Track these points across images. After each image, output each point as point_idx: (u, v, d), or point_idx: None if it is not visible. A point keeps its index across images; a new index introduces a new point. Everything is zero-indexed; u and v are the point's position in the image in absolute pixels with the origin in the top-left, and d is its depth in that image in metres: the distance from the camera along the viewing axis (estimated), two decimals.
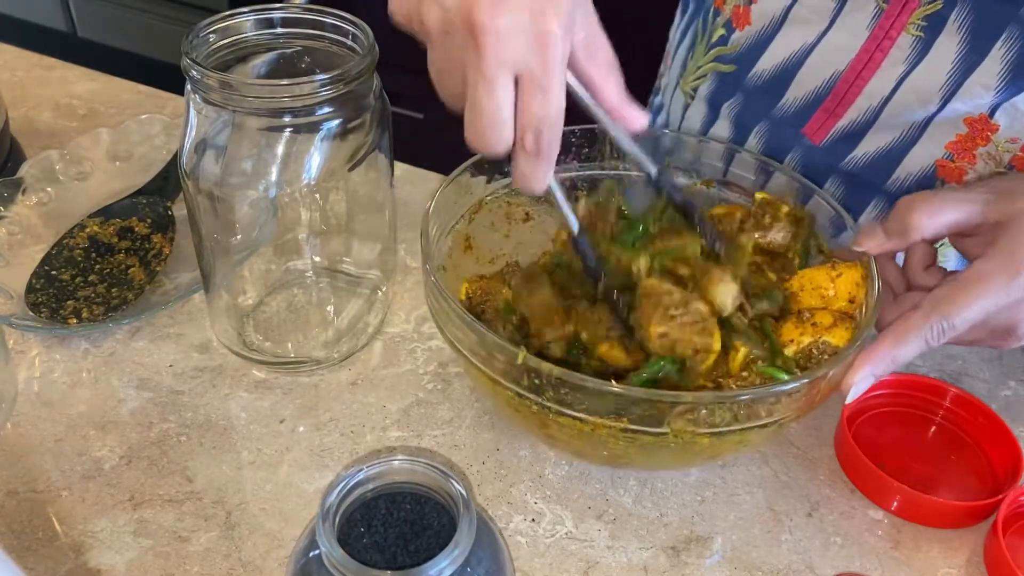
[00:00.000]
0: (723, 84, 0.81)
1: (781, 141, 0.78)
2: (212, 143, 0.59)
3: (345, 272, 0.72)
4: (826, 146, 0.75)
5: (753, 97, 0.78)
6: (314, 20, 0.62)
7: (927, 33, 0.67)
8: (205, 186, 0.60)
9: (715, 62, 0.81)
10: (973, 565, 0.58)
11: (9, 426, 0.62)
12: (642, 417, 0.51)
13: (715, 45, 0.81)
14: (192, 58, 0.56)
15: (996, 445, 0.64)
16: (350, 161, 0.62)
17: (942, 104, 0.68)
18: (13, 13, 2.76)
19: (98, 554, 0.55)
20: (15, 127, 0.88)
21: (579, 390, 0.50)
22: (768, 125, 0.78)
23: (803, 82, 0.74)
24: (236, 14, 0.60)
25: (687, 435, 0.52)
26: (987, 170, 0.69)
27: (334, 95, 0.57)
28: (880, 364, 0.55)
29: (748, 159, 0.68)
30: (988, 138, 0.68)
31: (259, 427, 0.63)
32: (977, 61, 0.65)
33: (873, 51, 0.69)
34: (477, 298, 0.64)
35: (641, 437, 0.52)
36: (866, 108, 0.71)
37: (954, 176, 0.71)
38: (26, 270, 0.71)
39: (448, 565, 0.42)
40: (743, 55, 0.78)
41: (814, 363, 0.57)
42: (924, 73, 0.68)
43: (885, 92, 0.70)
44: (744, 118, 0.80)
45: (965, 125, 0.68)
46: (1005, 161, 0.69)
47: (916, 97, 0.69)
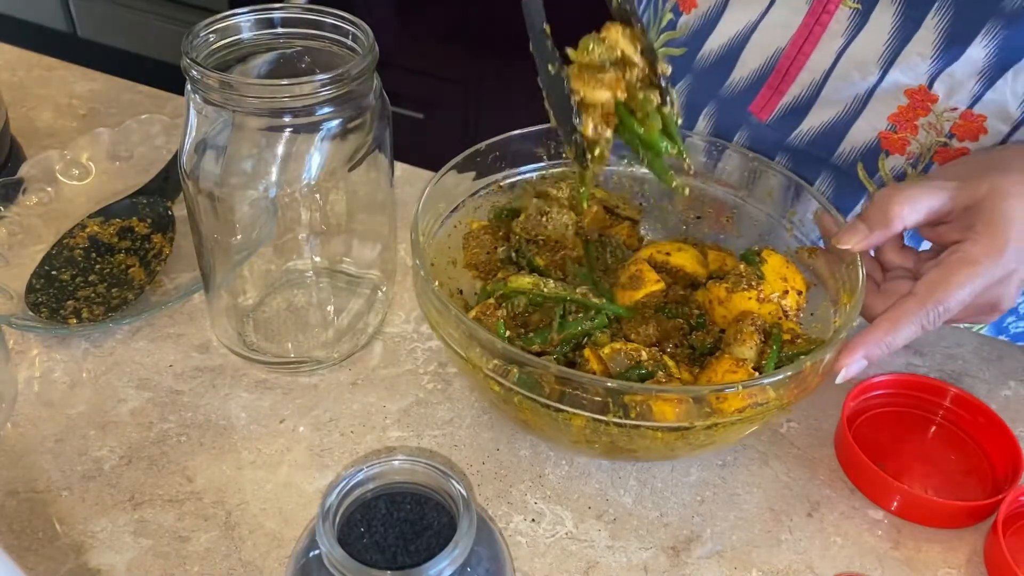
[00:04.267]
0: (673, 67, 0.82)
1: (730, 120, 0.80)
2: (212, 143, 0.59)
3: (345, 272, 0.72)
4: (773, 123, 0.77)
5: (702, 78, 0.80)
6: (314, 20, 0.62)
7: (864, 4, 0.68)
8: (205, 186, 0.60)
9: (665, 46, 0.83)
10: (973, 565, 0.58)
11: (9, 426, 0.62)
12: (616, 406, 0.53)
13: (665, 30, 0.82)
14: (192, 58, 0.56)
15: (996, 445, 0.64)
16: (350, 161, 0.62)
17: (881, 75, 0.69)
18: (13, 13, 2.76)
19: (98, 554, 0.55)
20: (15, 127, 0.88)
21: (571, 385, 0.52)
22: (717, 105, 0.80)
23: (748, 61, 0.76)
24: (236, 14, 0.60)
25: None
26: (928, 140, 0.71)
27: (334, 95, 0.57)
28: (874, 348, 0.56)
29: (735, 155, 0.71)
30: (928, 108, 0.70)
31: (259, 427, 0.63)
32: (912, 30, 0.67)
33: (812, 25, 0.71)
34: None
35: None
36: (809, 83, 0.73)
37: (897, 147, 0.73)
38: (26, 270, 0.71)
39: (448, 565, 0.42)
40: (691, 38, 0.79)
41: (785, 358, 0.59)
42: (862, 44, 0.69)
43: (826, 66, 0.72)
44: (694, 99, 0.82)
45: (905, 97, 0.70)
46: (946, 130, 0.70)
47: (856, 69, 0.70)
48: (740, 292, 0.61)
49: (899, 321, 0.56)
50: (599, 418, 0.53)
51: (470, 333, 0.55)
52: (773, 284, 0.62)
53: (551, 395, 0.53)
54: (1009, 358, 0.73)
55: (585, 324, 0.61)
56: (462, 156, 0.67)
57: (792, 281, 0.63)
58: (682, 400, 0.52)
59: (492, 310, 0.62)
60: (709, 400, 0.53)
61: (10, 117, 0.86)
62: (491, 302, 0.62)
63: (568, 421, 0.54)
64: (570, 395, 0.52)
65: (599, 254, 0.68)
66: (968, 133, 0.70)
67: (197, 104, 0.58)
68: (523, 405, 0.55)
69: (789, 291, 0.62)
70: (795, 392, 0.55)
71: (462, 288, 0.68)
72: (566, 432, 0.57)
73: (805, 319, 0.64)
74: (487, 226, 0.70)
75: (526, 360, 0.53)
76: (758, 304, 0.61)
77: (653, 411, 0.52)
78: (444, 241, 0.68)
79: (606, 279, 0.67)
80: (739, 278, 0.62)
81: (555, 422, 0.55)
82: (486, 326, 0.60)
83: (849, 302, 0.60)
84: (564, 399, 0.53)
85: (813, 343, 0.60)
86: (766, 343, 0.60)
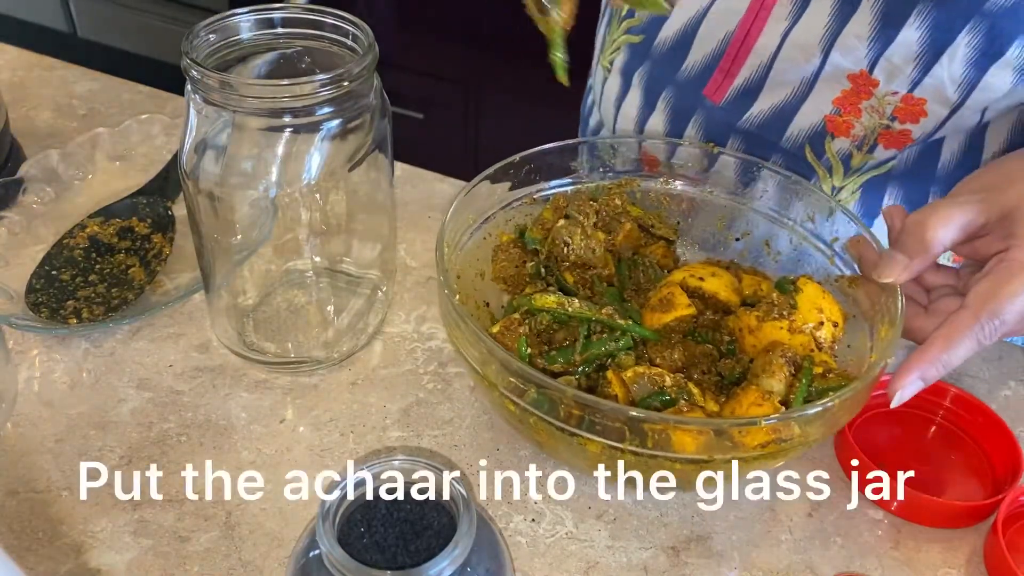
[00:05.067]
0: (633, 55, 0.83)
1: (685, 104, 0.81)
2: (212, 143, 0.59)
3: (345, 272, 0.72)
4: (725, 106, 0.78)
5: (659, 64, 0.81)
6: (314, 20, 0.62)
7: None
8: (205, 186, 0.60)
9: (626, 34, 0.84)
10: (973, 565, 0.58)
11: (9, 426, 0.62)
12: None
13: (626, 18, 0.84)
14: (192, 58, 0.56)
15: (996, 445, 0.64)
16: (350, 161, 0.62)
17: (823, 58, 0.71)
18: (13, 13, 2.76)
19: (98, 554, 0.55)
20: (15, 127, 0.88)
21: (593, 411, 0.51)
22: (674, 90, 0.81)
23: (701, 45, 0.77)
24: (236, 14, 0.60)
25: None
26: (872, 123, 0.72)
27: (334, 95, 0.57)
28: (930, 368, 0.55)
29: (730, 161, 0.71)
30: (871, 92, 0.71)
31: (259, 427, 0.63)
32: (850, 12, 0.68)
33: (759, 9, 0.72)
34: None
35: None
36: (757, 66, 0.74)
37: (842, 130, 0.74)
38: (26, 270, 0.71)
39: (448, 565, 0.42)
40: (648, 24, 0.81)
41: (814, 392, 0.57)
42: (804, 27, 0.70)
43: (772, 48, 0.73)
44: (652, 85, 0.83)
45: (848, 81, 0.71)
46: (888, 112, 0.72)
47: (799, 51, 0.71)
48: (771, 321, 0.60)
49: (954, 337, 0.54)
50: (614, 445, 0.52)
51: (488, 350, 0.54)
52: (807, 315, 0.60)
53: (567, 419, 0.52)
54: (1009, 358, 0.73)
55: (609, 345, 0.59)
56: (494, 168, 0.66)
57: (828, 312, 0.61)
58: (702, 432, 0.51)
59: (516, 325, 0.60)
60: (731, 433, 0.51)
61: (10, 117, 0.86)
62: (516, 317, 0.61)
63: (583, 445, 0.53)
64: (587, 420, 0.51)
65: (631, 273, 0.67)
66: (909, 116, 0.71)
67: (197, 104, 0.58)
68: (538, 427, 0.55)
69: (824, 322, 0.60)
70: (822, 429, 0.53)
71: (489, 301, 0.67)
72: (581, 456, 0.56)
73: (841, 351, 0.62)
74: (516, 239, 0.68)
75: (542, 381, 0.51)
76: (789, 335, 0.59)
77: (672, 441, 0.51)
78: (473, 252, 0.67)
79: (636, 299, 0.65)
80: (771, 307, 0.60)
81: (570, 446, 0.54)
82: (507, 342, 0.59)
83: (887, 335, 0.58)
84: (581, 424, 0.51)
85: (845, 378, 0.57)
86: (796, 376, 0.57)
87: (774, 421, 0.51)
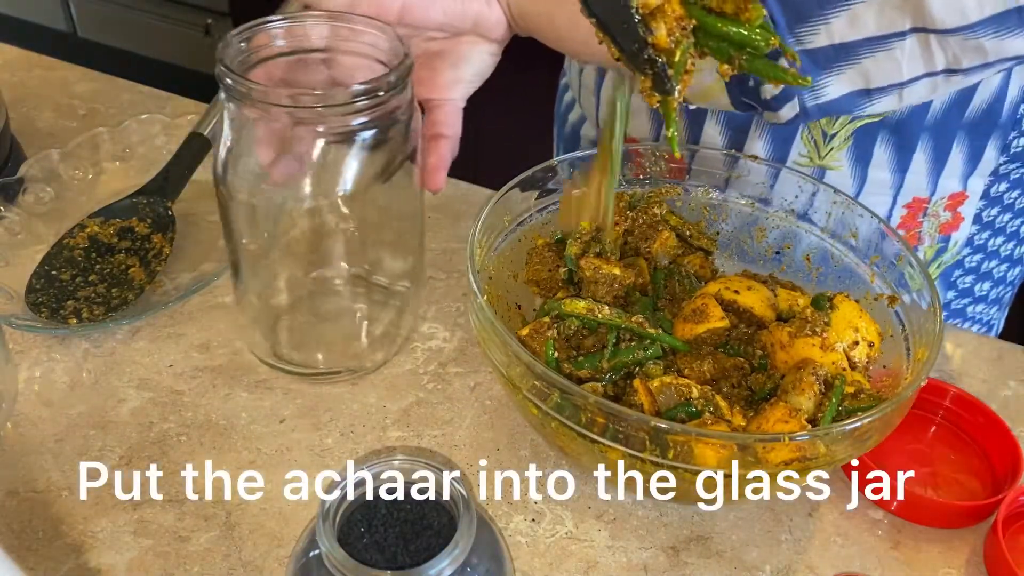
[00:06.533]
0: None
1: None
2: (245, 150, 0.59)
3: (376, 283, 0.71)
4: None
5: None
6: (346, 28, 0.60)
7: None
8: (238, 194, 0.60)
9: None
10: (973, 565, 0.58)
11: (9, 426, 0.62)
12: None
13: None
14: (226, 65, 0.55)
15: (996, 445, 0.64)
16: (383, 171, 0.60)
17: None
18: (13, 13, 2.76)
19: (98, 554, 0.55)
20: (15, 127, 0.88)
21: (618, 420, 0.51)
22: None
23: None
24: (268, 22, 0.59)
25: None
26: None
27: (369, 105, 0.55)
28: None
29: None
30: None
31: (259, 427, 0.63)
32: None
33: None
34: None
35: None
36: None
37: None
38: (26, 270, 0.71)
39: (448, 565, 0.42)
40: None
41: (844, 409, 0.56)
42: None
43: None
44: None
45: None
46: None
47: None
48: (803, 338, 0.58)
49: None
50: (635, 454, 0.51)
51: (513, 353, 0.53)
52: (840, 333, 0.59)
53: (589, 425, 0.52)
54: (1009, 358, 0.73)
55: (637, 353, 0.59)
56: (531, 171, 0.66)
57: (864, 331, 0.60)
58: (725, 446, 0.50)
59: (544, 329, 0.60)
60: (754, 448, 0.50)
61: (10, 117, 0.86)
62: (545, 320, 0.61)
63: (604, 453, 0.53)
64: (609, 428, 0.51)
65: (667, 282, 0.66)
66: None
67: (231, 111, 0.57)
68: (560, 431, 0.54)
69: (860, 342, 0.59)
70: (849, 449, 0.53)
71: (521, 303, 0.67)
72: (603, 463, 0.55)
73: (876, 371, 0.61)
74: (551, 243, 0.68)
75: (565, 386, 0.51)
76: (821, 352, 0.58)
77: (694, 453, 0.50)
78: (507, 255, 0.67)
79: (670, 308, 0.65)
80: (804, 323, 0.59)
81: (592, 452, 0.54)
82: (534, 346, 0.59)
83: (924, 356, 0.57)
84: (604, 432, 0.51)
85: (877, 399, 0.56)
86: (826, 394, 0.56)
87: (798, 438, 0.50)
